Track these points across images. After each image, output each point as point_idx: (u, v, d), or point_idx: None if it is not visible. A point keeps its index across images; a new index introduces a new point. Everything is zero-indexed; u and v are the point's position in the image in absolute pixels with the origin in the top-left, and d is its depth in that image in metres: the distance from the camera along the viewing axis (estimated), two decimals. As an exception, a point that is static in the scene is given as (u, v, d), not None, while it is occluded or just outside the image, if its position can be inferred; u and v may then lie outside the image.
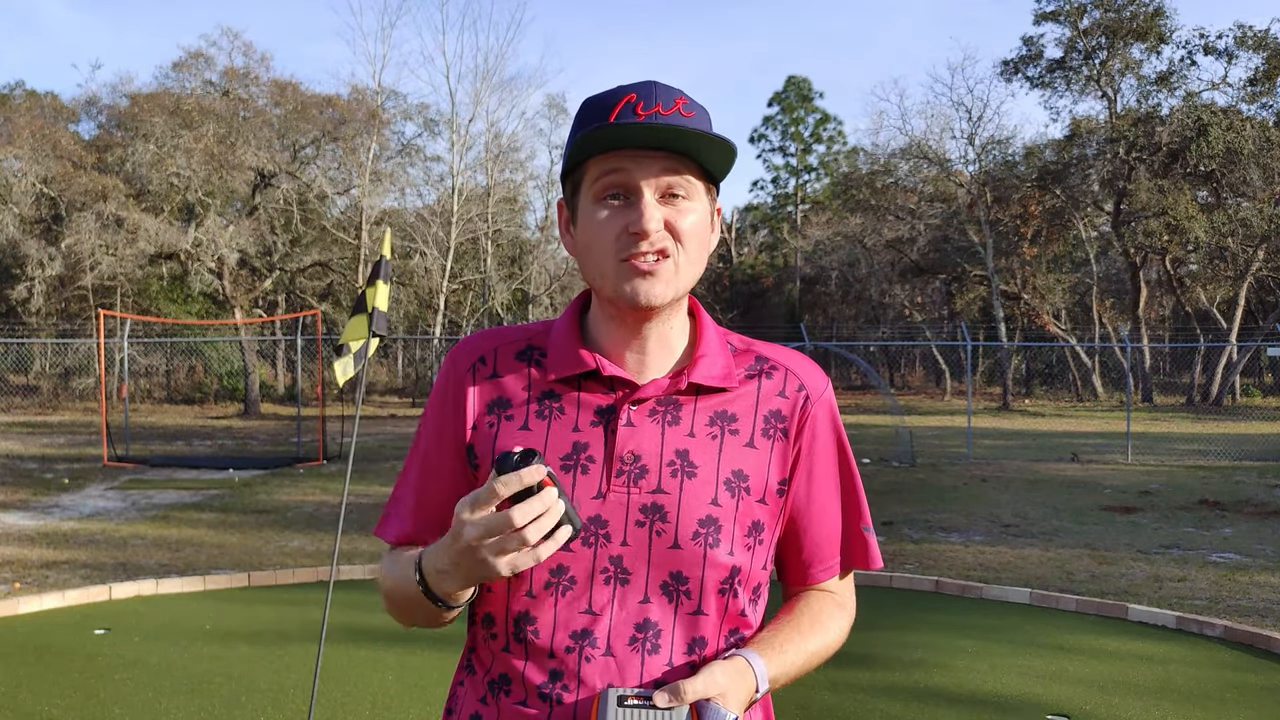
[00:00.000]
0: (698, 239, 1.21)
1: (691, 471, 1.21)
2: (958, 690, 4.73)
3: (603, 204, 1.20)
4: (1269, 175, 27.70)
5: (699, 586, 1.20)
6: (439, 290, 30.45)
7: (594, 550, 1.20)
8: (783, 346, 1.34)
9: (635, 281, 1.19)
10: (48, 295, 27.38)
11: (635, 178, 1.18)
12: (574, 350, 1.25)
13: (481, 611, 1.26)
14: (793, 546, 1.32)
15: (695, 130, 1.16)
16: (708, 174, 1.23)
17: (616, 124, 1.15)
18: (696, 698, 1.11)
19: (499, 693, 1.23)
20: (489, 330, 1.34)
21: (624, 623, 1.19)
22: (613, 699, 1.11)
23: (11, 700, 4.51)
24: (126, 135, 28.36)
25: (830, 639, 1.30)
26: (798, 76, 46.46)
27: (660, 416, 1.23)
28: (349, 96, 29.88)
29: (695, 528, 1.20)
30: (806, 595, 1.33)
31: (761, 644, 1.23)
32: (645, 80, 1.20)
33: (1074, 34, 31.22)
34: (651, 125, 1.15)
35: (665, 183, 1.19)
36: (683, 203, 1.20)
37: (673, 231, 1.19)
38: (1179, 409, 27.61)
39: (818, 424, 1.30)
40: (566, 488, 1.20)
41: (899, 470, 13.71)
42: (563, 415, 1.24)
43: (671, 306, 1.24)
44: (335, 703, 4.47)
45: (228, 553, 7.91)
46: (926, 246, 34.23)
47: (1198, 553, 8.08)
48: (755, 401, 1.27)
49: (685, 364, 1.27)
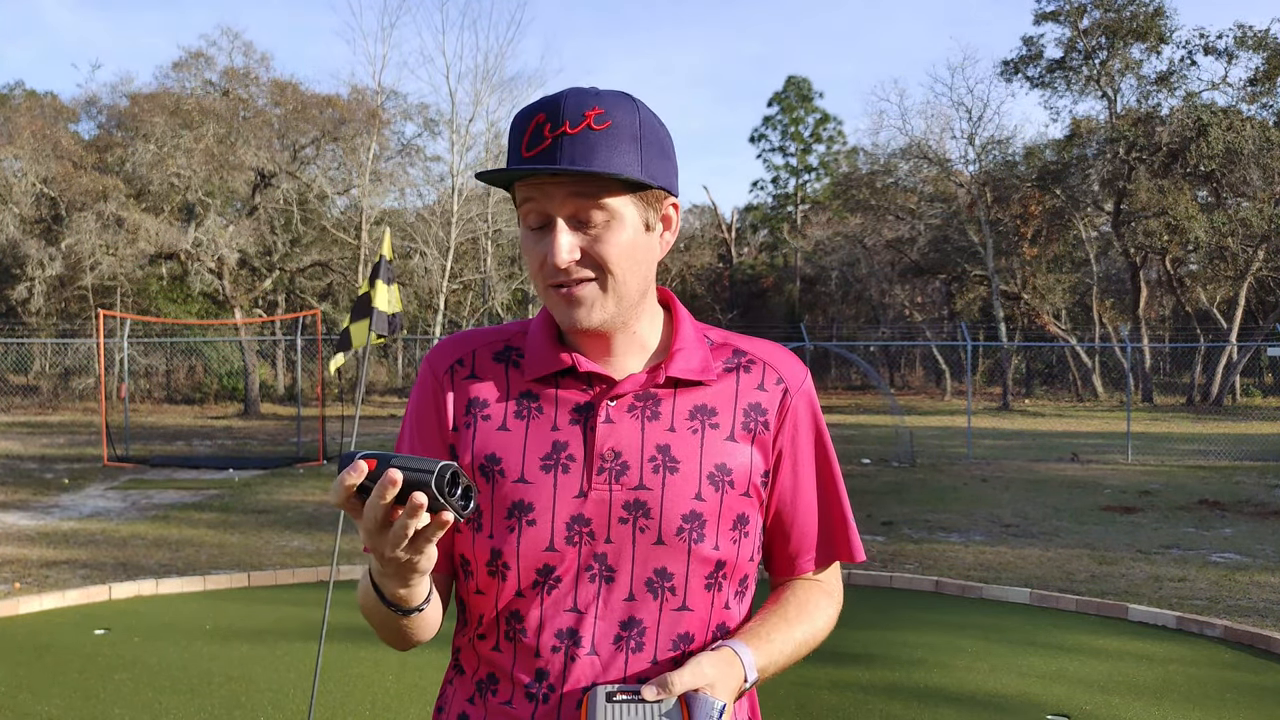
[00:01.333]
0: (625, 256, 1.18)
1: (674, 466, 1.21)
2: (958, 690, 4.73)
3: (529, 230, 1.20)
4: (1269, 175, 27.69)
5: (684, 582, 1.20)
6: (439, 290, 30.45)
7: (578, 549, 1.19)
8: (761, 339, 1.34)
9: (564, 309, 1.19)
10: (48, 295, 27.38)
11: (544, 206, 1.17)
12: (551, 349, 1.25)
13: (473, 613, 1.26)
14: (779, 538, 1.32)
15: (591, 155, 1.13)
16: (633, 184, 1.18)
17: (523, 153, 1.15)
18: (684, 689, 1.11)
19: (486, 692, 1.24)
20: (465, 332, 1.34)
21: (609, 620, 1.19)
22: (601, 696, 1.11)
23: (11, 700, 4.51)
24: (126, 135, 28.36)
25: (818, 627, 1.30)
26: (798, 76, 46.46)
27: (639, 412, 1.22)
28: (349, 96, 29.87)
29: (679, 523, 1.20)
30: (793, 584, 1.33)
31: (748, 634, 1.23)
32: (559, 92, 1.18)
33: (1074, 34, 31.21)
34: (549, 151, 1.13)
35: (573, 207, 1.16)
36: (597, 228, 1.17)
37: (591, 257, 1.17)
38: (1179, 409, 27.61)
39: (798, 416, 1.30)
40: (547, 488, 1.19)
41: (899, 470, 13.71)
42: (541, 414, 1.23)
43: (626, 317, 1.23)
44: (335, 703, 4.47)
45: (228, 553, 7.91)
46: (926, 246, 34.23)
47: (1198, 553, 8.08)
48: (735, 395, 1.26)
49: (662, 358, 1.26)
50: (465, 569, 1.27)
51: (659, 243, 1.24)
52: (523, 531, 1.20)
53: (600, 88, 1.20)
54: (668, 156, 1.22)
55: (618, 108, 1.17)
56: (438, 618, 1.22)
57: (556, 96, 1.17)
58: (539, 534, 1.20)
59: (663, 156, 1.21)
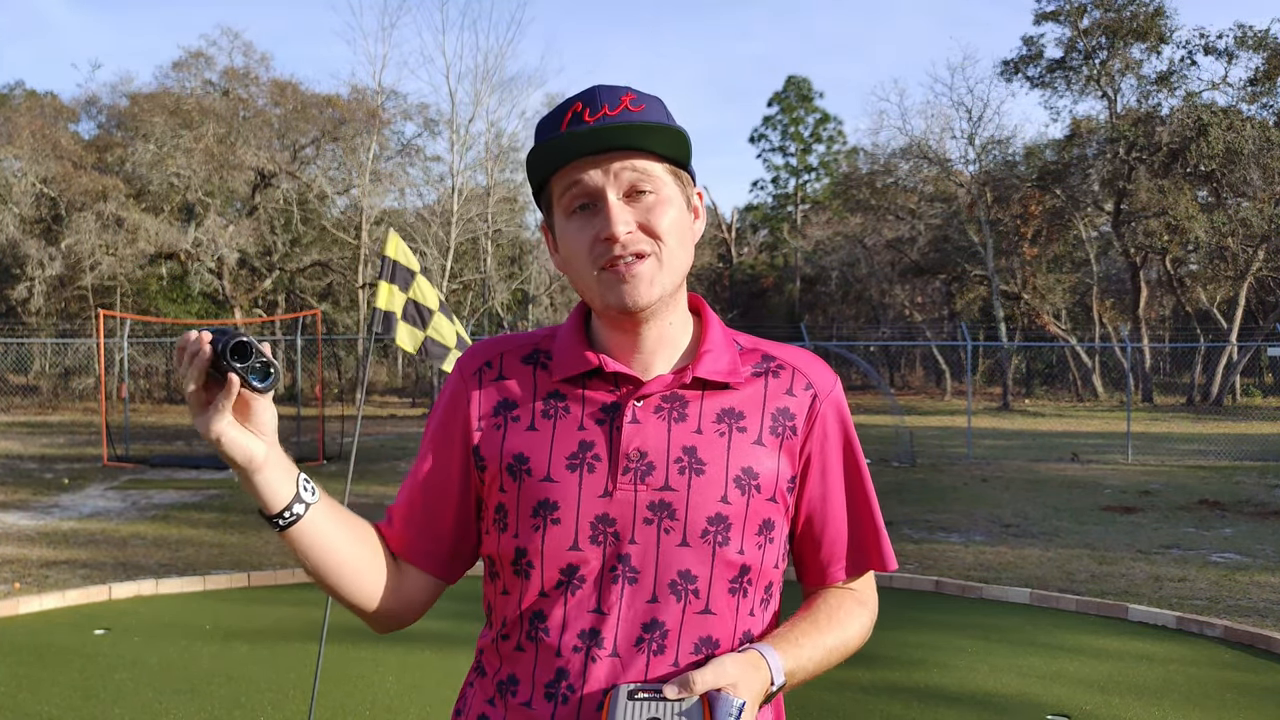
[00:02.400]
0: (676, 230, 1.20)
1: (700, 469, 1.20)
2: (958, 690, 4.73)
3: (573, 217, 1.20)
4: (1269, 175, 27.67)
5: (708, 585, 1.20)
6: (439, 290, 30.43)
7: (603, 549, 1.19)
8: (791, 346, 1.33)
9: (618, 288, 1.18)
10: (48, 295, 27.38)
11: (595, 183, 1.18)
12: (579, 351, 1.25)
13: (499, 614, 1.26)
14: (810, 546, 1.31)
15: (641, 123, 1.16)
16: (674, 162, 1.21)
17: (565, 133, 1.16)
18: (706, 688, 1.10)
19: (506, 693, 1.23)
20: (497, 337, 1.35)
21: (631, 622, 1.18)
22: (623, 694, 1.11)
23: (11, 700, 4.51)
24: (126, 135, 28.37)
25: (849, 634, 1.29)
26: (798, 76, 46.48)
27: (666, 413, 1.22)
28: (349, 96, 29.88)
29: (704, 525, 1.19)
30: (825, 593, 1.32)
31: (777, 638, 1.22)
32: (590, 87, 1.20)
33: (1074, 34, 31.20)
34: (598, 127, 1.15)
35: (626, 182, 1.18)
36: (649, 197, 1.19)
37: (646, 229, 1.18)
38: (1179, 409, 27.60)
39: (827, 423, 1.29)
40: (572, 487, 1.20)
41: (899, 470, 13.71)
42: (568, 414, 1.23)
43: (667, 303, 1.23)
44: (335, 703, 4.47)
45: (228, 553, 7.91)
46: (926, 246, 34.22)
47: (1198, 553, 8.08)
48: (763, 399, 1.26)
49: (689, 360, 1.26)
50: (493, 570, 1.27)
51: (696, 225, 1.27)
52: (547, 530, 1.20)
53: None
54: (689, 149, 1.25)
55: (648, 99, 1.21)
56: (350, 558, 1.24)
57: (587, 90, 1.20)
58: (563, 533, 1.20)
59: (688, 146, 1.23)
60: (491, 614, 1.29)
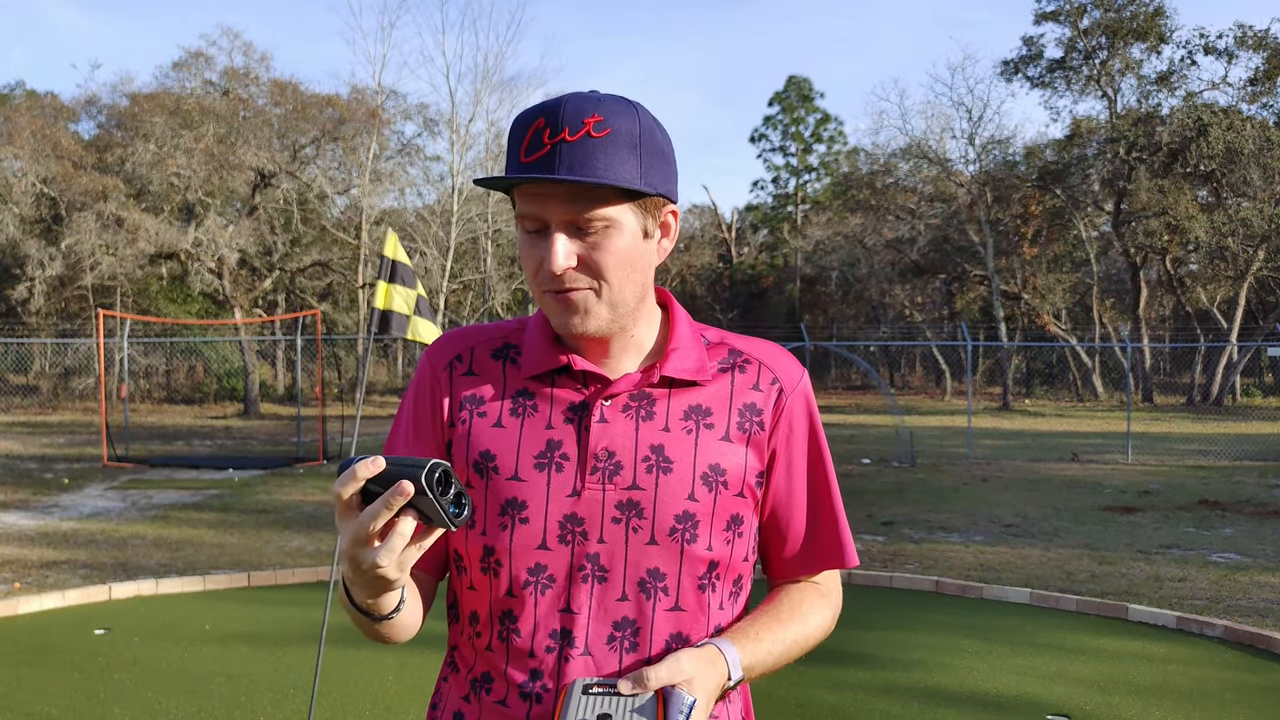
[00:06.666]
0: (620, 265, 1.17)
1: (667, 466, 1.20)
2: (958, 690, 4.72)
3: (526, 234, 1.20)
4: (1269, 175, 27.68)
5: (677, 583, 1.20)
6: (439, 290, 30.44)
7: (571, 548, 1.19)
8: (758, 339, 1.33)
9: (562, 314, 1.19)
10: (48, 295, 27.37)
11: (541, 214, 1.17)
12: (547, 347, 1.25)
13: (466, 609, 1.26)
14: (775, 539, 1.31)
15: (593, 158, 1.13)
16: (631, 192, 1.16)
17: (522, 161, 1.15)
18: (661, 684, 1.11)
19: (481, 690, 1.24)
20: (465, 328, 1.34)
21: (602, 621, 1.19)
22: (578, 688, 1.12)
23: (11, 700, 4.51)
24: (126, 135, 28.35)
25: (810, 628, 1.28)
26: (798, 76, 46.42)
27: (634, 411, 1.22)
28: (349, 96, 29.86)
29: (672, 523, 1.20)
30: (789, 586, 1.33)
31: (735, 633, 1.22)
32: (559, 97, 1.17)
33: (1074, 34, 31.20)
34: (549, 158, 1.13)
35: (570, 219, 1.16)
36: (594, 235, 1.16)
37: (588, 265, 1.17)
38: (1179, 409, 27.60)
39: (794, 417, 1.29)
40: (540, 486, 1.20)
41: (899, 470, 13.71)
42: (536, 412, 1.23)
43: (622, 324, 1.22)
44: (335, 703, 4.47)
45: (228, 553, 7.91)
46: (926, 246, 34.21)
47: (1198, 553, 8.08)
48: (730, 395, 1.26)
49: (657, 358, 1.26)
50: (459, 565, 1.27)
51: (657, 250, 1.24)
52: (515, 529, 1.20)
53: (601, 92, 1.19)
54: (668, 163, 1.21)
55: (617, 114, 1.16)
56: (415, 621, 1.22)
57: (556, 102, 1.16)
58: (531, 532, 1.20)
59: (662, 163, 1.20)
60: (458, 607, 1.28)
